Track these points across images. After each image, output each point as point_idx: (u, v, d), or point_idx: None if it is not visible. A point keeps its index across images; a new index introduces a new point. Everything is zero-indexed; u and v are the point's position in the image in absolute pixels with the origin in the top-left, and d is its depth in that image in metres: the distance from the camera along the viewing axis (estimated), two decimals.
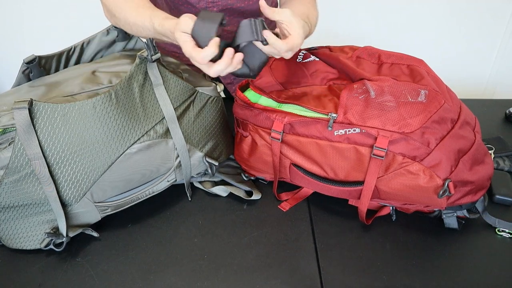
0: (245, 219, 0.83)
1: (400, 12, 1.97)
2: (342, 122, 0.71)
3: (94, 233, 0.77)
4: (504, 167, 0.91)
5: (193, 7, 0.95)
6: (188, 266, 0.73)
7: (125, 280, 0.71)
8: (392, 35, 2.00)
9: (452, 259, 0.73)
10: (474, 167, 0.72)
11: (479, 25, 2.00)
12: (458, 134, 0.71)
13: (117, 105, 0.71)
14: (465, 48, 2.07)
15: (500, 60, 2.10)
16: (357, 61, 0.81)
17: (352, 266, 0.72)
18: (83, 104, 0.68)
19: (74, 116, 0.68)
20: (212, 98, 0.86)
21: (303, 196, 0.87)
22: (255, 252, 0.75)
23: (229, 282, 0.70)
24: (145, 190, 0.80)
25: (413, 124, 0.68)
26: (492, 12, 1.96)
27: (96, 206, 0.76)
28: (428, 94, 0.71)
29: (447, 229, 0.79)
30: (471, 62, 2.12)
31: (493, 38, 2.05)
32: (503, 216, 0.79)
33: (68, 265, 0.74)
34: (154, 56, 0.73)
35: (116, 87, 0.70)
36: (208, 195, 0.88)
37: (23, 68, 0.79)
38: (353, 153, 0.72)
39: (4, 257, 0.75)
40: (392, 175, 0.71)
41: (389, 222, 0.81)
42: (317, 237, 0.78)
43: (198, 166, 0.86)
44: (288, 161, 0.80)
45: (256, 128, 0.81)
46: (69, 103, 0.67)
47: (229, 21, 0.98)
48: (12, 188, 0.69)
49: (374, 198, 0.78)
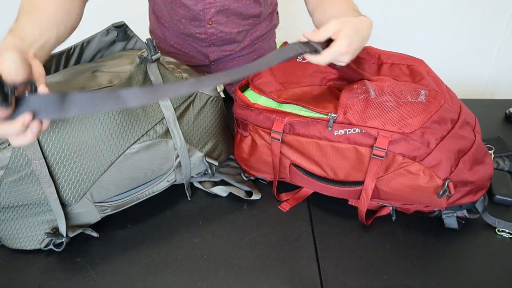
0: (245, 219, 0.83)
1: (400, 11, 1.97)
2: (342, 122, 0.71)
3: (94, 233, 0.77)
4: (504, 167, 0.91)
5: (190, 9, 0.94)
6: (188, 266, 0.73)
7: (125, 280, 0.71)
8: (393, 34, 2.00)
9: (452, 259, 0.73)
10: (474, 167, 0.72)
11: (478, 24, 2.00)
12: (458, 134, 0.71)
13: None
14: (465, 47, 2.07)
15: (500, 60, 2.10)
16: (357, 61, 0.81)
17: (352, 266, 0.72)
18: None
19: (74, 116, 0.68)
20: (212, 98, 0.86)
21: (303, 196, 0.87)
22: (255, 252, 0.75)
23: (229, 282, 0.70)
24: (145, 190, 0.80)
25: (413, 124, 0.68)
26: (492, 11, 1.95)
27: (96, 206, 0.76)
28: (428, 94, 0.71)
29: (447, 229, 0.79)
30: (471, 62, 2.12)
31: (493, 38, 2.05)
32: (503, 216, 0.79)
33: (68, 265, 0.74)
34: (154, 56, 0.73)
35: (116, 87, 0.70)
36: (208, 195, 0.88)
37: None
38: (353, 153, 0.72)
39: (4, 257, 0.75)
40: (392, 175, 0.71)
41: (389, 222, 0.81)
42: (317, 237, 0.78)
43: (198, 166, 0.86)
44: (288, 161, 0.80)
45: (256, 128, 0.81)
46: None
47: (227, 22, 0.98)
48: (12, 188, 0.69)
49: (374, 198, 0.78)
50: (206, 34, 1.00)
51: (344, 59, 0.68)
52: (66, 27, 0.68)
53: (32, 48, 0.60)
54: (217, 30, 0.99)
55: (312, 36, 0.67)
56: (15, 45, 0.58)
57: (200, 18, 0.96)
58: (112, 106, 0.58)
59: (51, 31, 0.64)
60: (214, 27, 0.99)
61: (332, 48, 0.66)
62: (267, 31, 1.11)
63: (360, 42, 0.69)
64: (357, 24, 0.69)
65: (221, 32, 1.00)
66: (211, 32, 1.00)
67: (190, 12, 0.95)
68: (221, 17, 0.97)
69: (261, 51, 1.13)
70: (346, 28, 0.66)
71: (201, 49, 1.05)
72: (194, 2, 0.93)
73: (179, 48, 1.07)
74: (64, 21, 0.67)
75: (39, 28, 0.63)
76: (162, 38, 1.08)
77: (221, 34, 1.01)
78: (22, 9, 0.66)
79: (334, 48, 0.66)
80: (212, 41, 1.02)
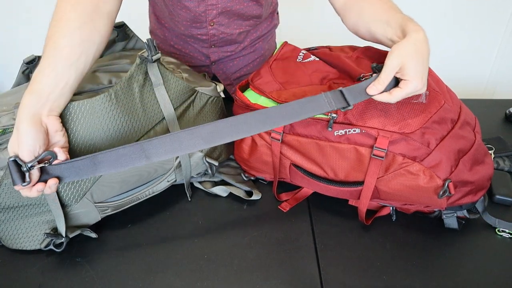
0: (245, 219, 0.83)
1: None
2: (342, 122, 0.71)
3: (93, 234, 0.77)
4: (504, 167, 0.91)
5: (192, 11, 0.94)
6: (188, 266, 0.73)
7: (125, 280, 0.71)
8: None
9: (452, 259, 0.73)
10: (474, 167, 0.72)
11: (478, 24, 2.00)
12: (458, 134, 0.71)
13: (117, 105, 0.71)
14: (465, 47, 2.07)
15: (500, 60, 2.10)
16: (357, 61, 0.81)
17: (352, 266, 0.72)
18: (82, 104, 0.68)
19: (74, 117, 0.68)
20: (212, 98, 0.86)
21: (303, 196, 0.87)
22: (255, 252, 0.75)
23: (229, 282, 0.70)
24: (145, 190, 0.80)
25: (413, 124, 0.68)
26: (492, 11, 1.95)
27: (96, 206, 0.76)
28: (428, 94, 0.71)
29: (447, 229, 0.79)
30: (471, 62, 2.12)
31: (493, 38, 2.05)
32: (503, 216, 0.79)
33: (68, 265, 0.74)
34: (155, 56, 0.72)
35: (116, 87, 0.70)
36: (208, 195, 0.88)
37: (23, 68, 0.79)
38: (353, 153, 0.72)
39: (4, 257, 0.75)
40: (392, 175, 0.71)
41: (389, 222, 0.81)
42: (317, 237, 0.78)
43: (198, 166, 0.86)
44: (288, 161, 0.80)
45: None
46: (69, 103, 0.67)
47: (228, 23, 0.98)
48: (12, 188, 0.69)
49: (374, 198, 0.78)
50: (207, 35, 1.00)
51: (421, 92, 0.65)
52: (87, 56, 0.67)
53: (48, 103, 0.63)
54: (219, 31, 0.99)
55: (378, 89, 0.64)
56: (30, 110, 0.62)
57: (201, 20, 0.96)
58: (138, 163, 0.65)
59: (69, 72, 0.64)
60: (215, 28, 0.99)
61: (404, 89, 0.63)
62: (267, 31, 1.11)
63: (427, 66, 0.65)
64: (418, 51, 0.63)
65: (222, 33, 1.00)
66: (212, 33, 1.00)
67: (192, 14, 0.94)
68: (223, 18, 0.97)
69: (261, 51, 1.13)
70: (410, 61, 0.62)
71: (202, 50, 1.05)
72: (196, 4, 0.92)
73: (179, 49, 1.07)
74: (84, 51, 0.66)
75: (55, 75, 0.63)
76: (163, 38, 1.08)
77: (223, 35, 1.01)
78: (44, 49, 0.65)
79: (408, 90, 0.63)
80: (213, 42, 1.02)
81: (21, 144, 0.62)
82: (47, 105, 0.63)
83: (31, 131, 0.61)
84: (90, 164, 0.65)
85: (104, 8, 0.69)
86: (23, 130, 0.61)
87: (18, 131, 0.62)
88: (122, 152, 0.65)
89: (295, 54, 0.87)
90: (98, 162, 0.65)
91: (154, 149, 0.65)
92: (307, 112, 0.67)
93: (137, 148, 0.65)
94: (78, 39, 0.65)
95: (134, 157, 0.65)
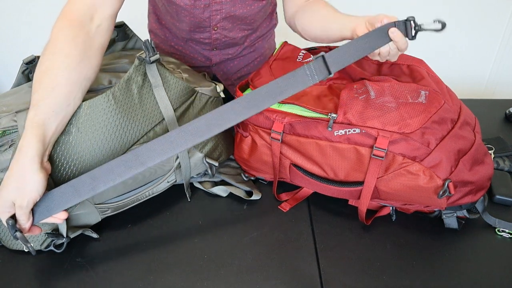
0: (245, 219, 0.83)
1: (400, 11, 1.96)
2: (342, 122, 0.71)
3: (94, 235, 0.77)
4: (504, 167, 0.91)
5: (196, 17, 0.94)
6: (188, 266, 0.73)
7: (125, 280, 0.71)
8: None
9: (452, 259, 0.73)
10: (474, 167, 0.72)
11: (478, 24, 2.00)
12: (458, 134, 0.71)
13: (115, 106, 0.71)
14: (465, 47, 2.07)
15: (500, 60, 2.10)
16: (357, 61, 0.81)
17: (352, 266, 0.72)
18: (82, 105, 0.68)
19: (74, 117, 0.68)
20: (212, 98, 0.86)
21: (303, 196, 0.87)
22: (255, 252, 0.75)
23: (229, 282, 0.70)
24: (145, 191, 0.80)
25: (413, 124, 0.68)
26: (492, 11, 1.95)
27: (96, 207, 0.76)
28: (428, 94, 0.71)
29: (447, 229, 0.79)
30: (471, 62, 2.12)
31: (493, 38, 2.05)
32: (503, 216, 0.79)
33: (68, 266, 0.74)
34: (153, 57, 0.72)
35: (114, 88, 0.70)
36: (208, 195, 0.88)
37: (22, 69, 0.79)
38: (353, 153, 0.72)
39: (4, 257, 0.75)
40: (392, 175, 0.71)
41: (389, 222, 0.81)
42: (317, 237, 0.78)
43: (198, 167, 0.86)
44: (288, 161, 0.80)
45: (256, 128, 0.81)
46: None
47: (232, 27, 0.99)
48: None
49: (374, 198, 0.78)
50: (210, 39, 1.00)
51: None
52: (83, 93, 0.68)
53: (49, 146, 0.64)
54: (222, 35, 0.99)
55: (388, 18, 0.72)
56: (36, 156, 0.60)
57: (205, 25, 0.96)
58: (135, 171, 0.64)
59: (66, 110, 0.65)
60: (219, 33, 0.99)
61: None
62: (266, 31, 1.11)
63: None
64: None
65: (225, 37, 1.00)
66: (215, 37, 1.00)
67: (196, 20, 0.94)
68: (227, 23, 0.96)
69: (261, 50, 1.13)
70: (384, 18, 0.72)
71: (204, 52, 1.05)
72: (201, 10, 0.92)
73: (180, 50, 1.07)
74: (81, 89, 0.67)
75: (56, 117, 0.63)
76: (163, 38, 1.08)
77: (225, 39, 1.01)
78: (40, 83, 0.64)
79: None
80: (216, 45, 1.03)
81: (26, 194, 0.58)
82: (48, 148, 0.63)
83: (41, 180, 0.58)
84: (89, 181, 0.63)
85: (98, 43, 0.70)
86: (32, 180, 0.57)
87: (25, 180, 0.57)
88: (116, 163, 0.64)
89: (295, 54, 0.87)
90: (95, 177, 0.63)
91: (147, 153, 0.64)
92: (294, 86, 0.66)
93: (131, 157, 0.64)
94: (76, 78, 0.65)
95: (130, 165, 0.64)
